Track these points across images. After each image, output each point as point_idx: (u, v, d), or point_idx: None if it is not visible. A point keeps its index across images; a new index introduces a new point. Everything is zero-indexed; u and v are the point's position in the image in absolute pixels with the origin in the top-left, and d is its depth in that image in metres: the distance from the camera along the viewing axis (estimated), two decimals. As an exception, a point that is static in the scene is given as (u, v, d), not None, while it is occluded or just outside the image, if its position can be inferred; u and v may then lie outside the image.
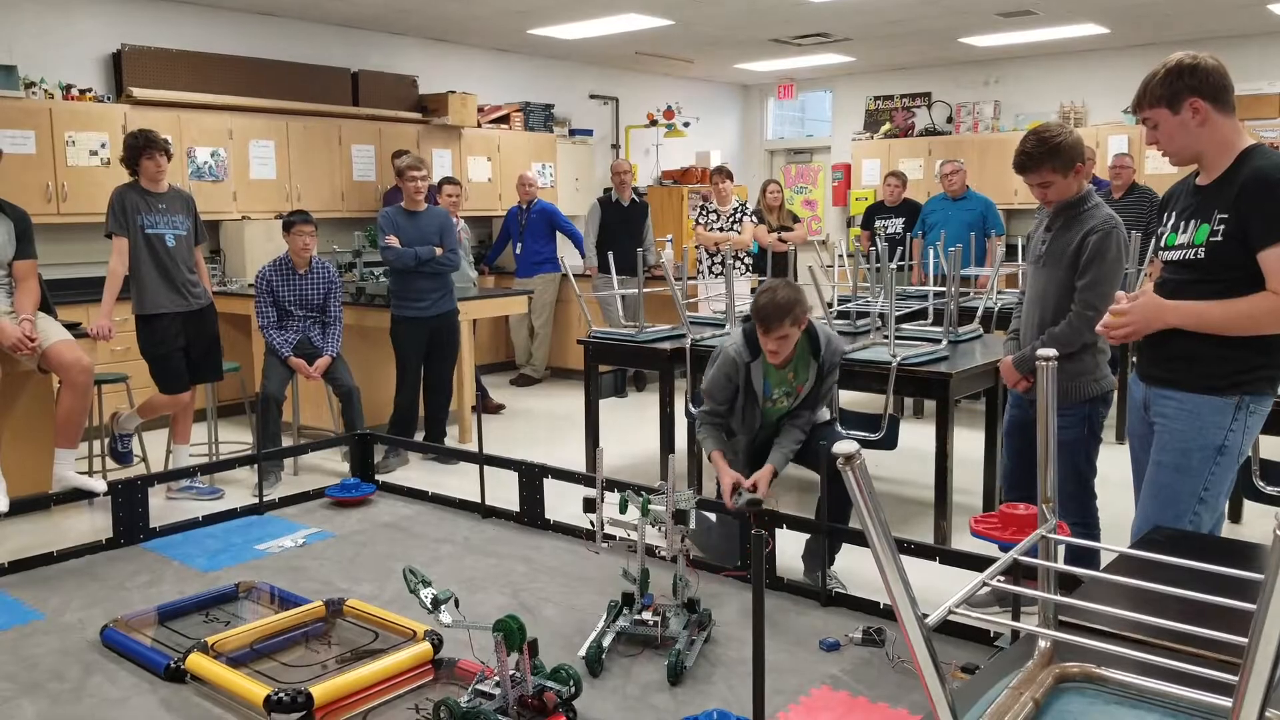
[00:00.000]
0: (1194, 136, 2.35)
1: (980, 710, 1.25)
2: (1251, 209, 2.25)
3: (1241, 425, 2.38)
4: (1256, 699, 0.84)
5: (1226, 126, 2.35)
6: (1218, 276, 2.32)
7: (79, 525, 4.53)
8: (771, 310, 3.40)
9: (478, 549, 4.09)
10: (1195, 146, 2.37)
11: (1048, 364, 1.36)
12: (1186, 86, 2.32)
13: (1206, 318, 2.33)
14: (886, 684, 2.86)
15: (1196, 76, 2.31)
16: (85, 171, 6.33)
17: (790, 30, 8.50)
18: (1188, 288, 2.38)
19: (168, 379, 4.85)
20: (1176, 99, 2.33)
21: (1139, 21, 8.18)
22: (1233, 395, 2.36)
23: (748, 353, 3.59)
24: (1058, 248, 3.19)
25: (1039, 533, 1.36)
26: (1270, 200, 2.24)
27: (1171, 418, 2.45)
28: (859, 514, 0.97)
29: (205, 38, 7.20)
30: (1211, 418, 2.38)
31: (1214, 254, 2.32)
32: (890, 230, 7.55)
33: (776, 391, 3.66)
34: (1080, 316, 3.13)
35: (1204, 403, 2.39)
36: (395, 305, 5.61)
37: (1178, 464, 2.43)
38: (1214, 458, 2.39)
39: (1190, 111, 2.33)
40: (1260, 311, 2.26)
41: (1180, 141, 2.38)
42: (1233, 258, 2.29)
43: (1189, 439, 2.41)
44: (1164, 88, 2.34)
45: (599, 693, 2.82)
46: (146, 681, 2.92)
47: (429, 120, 8.30)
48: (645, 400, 7.29)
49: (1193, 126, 2.34)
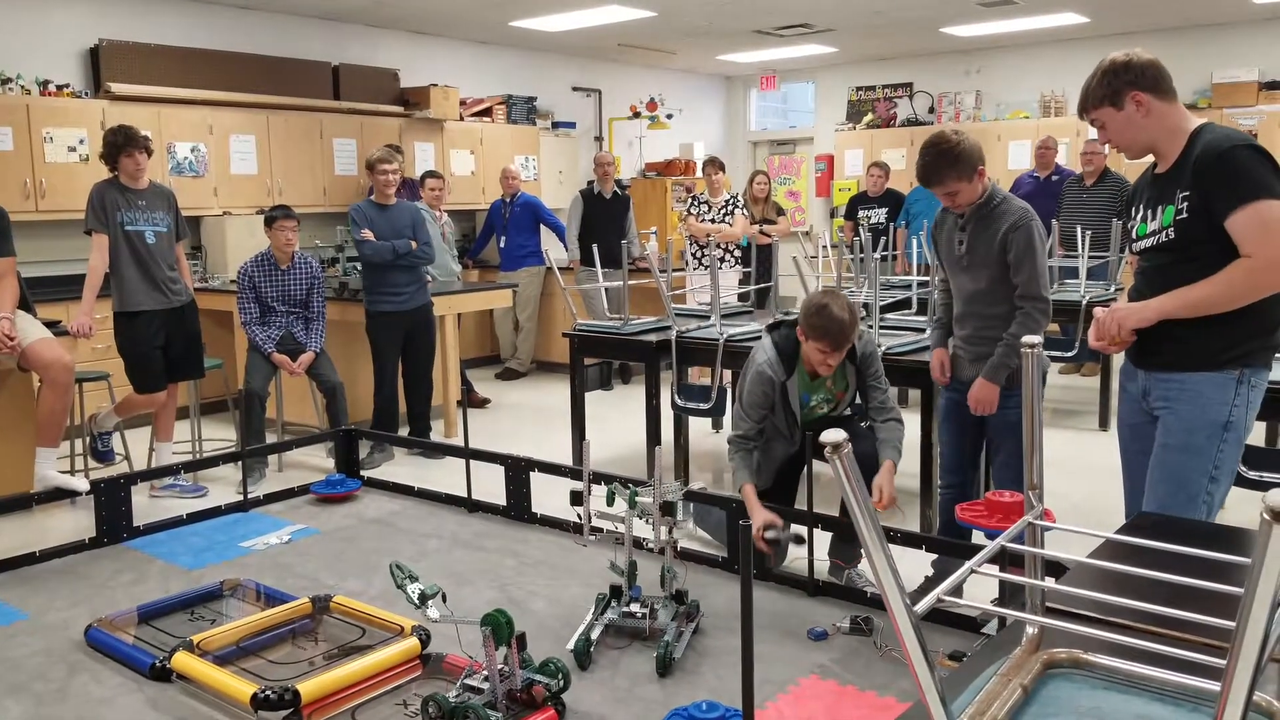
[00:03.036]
0: (1141, 128, 2.41)
1: (969, 697, 1.25)
2: (1210, 181, 2.29)
3: (1245, 400, 2.39)
4: (1244, 682, 0.84)
5: (1172, 113, 2.40)
6: (1193, 254, 2.34)
7: (61, 525, 4.50)
8: (839, 330, 3.23)
9: (465, 543, 4.08)
10: (1145, 138, 2.43)
11: (1033, 351, 1.36)
12: (1125, 82, 2.39)
13: (1190, 300, 2.35)
14: (875, 673, 2.87)
15: (1132, 71, 2.39)
16: (64, 168, 6.27)
17: (772, 21, 8.49)
18: (1167, 270, 2.40)
19: (144, 378, 4.81)
20: (1118, 95, 2.40)
21: (1119, 10, 8.22)
22: (1233, 370, 2.38)
23: (782, 370, 3.46)
24: (980, 248, 3.25)
25: (1026, 519, 1.36)
26: (1224, 168, 2.27)
27: (1175, 400, 2.45)
28: (847, 502, 0.96)
29: (184, 32, 7.13)
30: (1214, 395, 2.39)
31: (1183, 231, 2.35)
32: (873, 220, 7.57)
33: (815, 399, 3.58)
34: (1032, 312, 3.21)
35: (1205, 380, 2.40)
36: (370, 300, 5.55)
37: (1185, 444, 2.43)
38: (1221, 435, 2.40)
39: (1133, 105, 2.39)
40: (1238, 279, 2.28)
41: (1129, 135, 2.44)
42: (1202, 232, 2.32)
43: (1194, 418, 2.42)
44: (1104, 87, 2.42)
45: (588, 685, 2.82)
46: (132, 681, 2.90)
47: (411, 114, 8.26)
48: (631, 393, 7.29)
49: (1138, 119, 2.40)
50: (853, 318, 3.28)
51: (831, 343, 3.27)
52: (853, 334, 3.29)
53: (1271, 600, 0.81)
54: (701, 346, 4.63)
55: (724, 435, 5.84)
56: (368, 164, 5.64)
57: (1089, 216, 6.60)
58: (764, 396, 3.48)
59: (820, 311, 3.26)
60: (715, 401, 4.60)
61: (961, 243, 3.28)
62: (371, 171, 5.57)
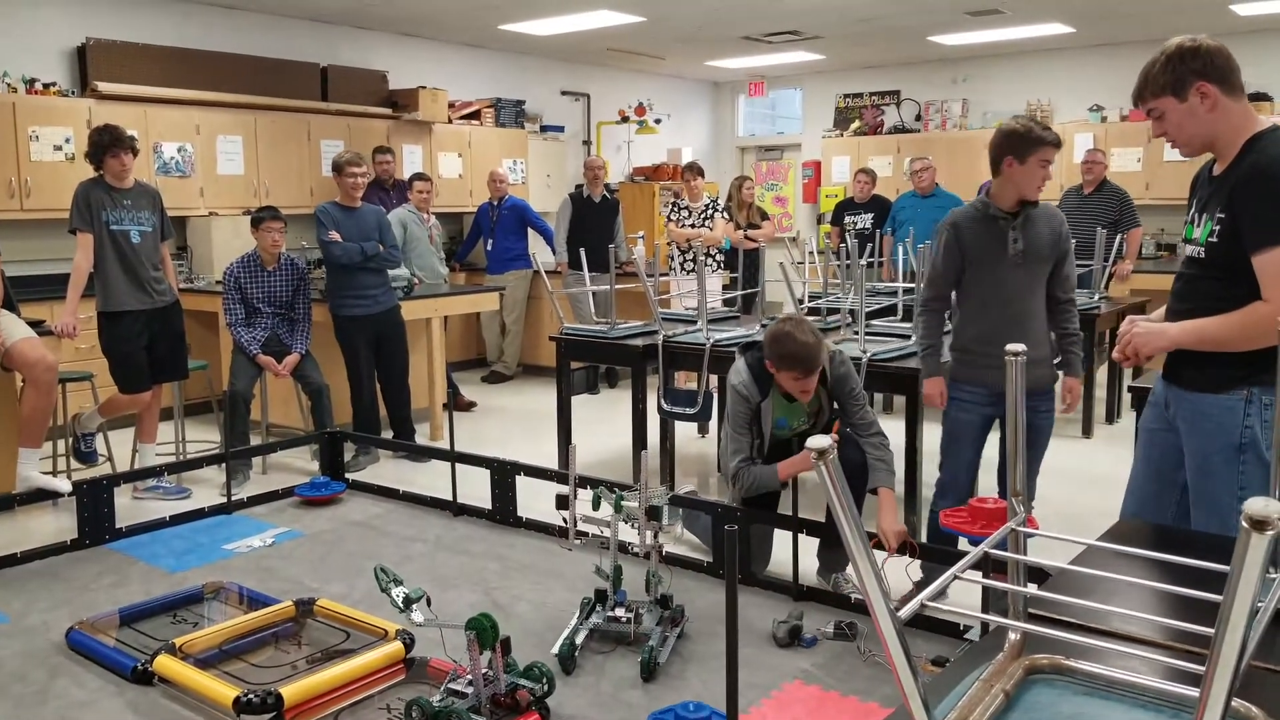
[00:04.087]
0: (1204, 123, 2.21)
1: (952, 703, 1.26)
2: (1243, 208, 2.14)
3: (1257, 418, 2.24)
4: (1223, 688, 0.85)
5: (1237, 110, 2.21)
6: (1222, 276, 2.23)
7: (43, 526, 4.46)
8: (807, 355, 3.22)
9: (449, 547, 4.07)
10: (1207, 133, 2.23)
11: (1016, 359, 1.37)
12: (1191, 70, 2.18)
13: (1205, 335, 2.25)
14: (858, 678, 2.88)
15: (1200, 59, 2.18)
16: (49, 167, 6.23)
17: (761, 27, 8.52)
18: (1197, 284, 2.31)
19: (128, 378, 4.78)
20: (1182, 85, 2.19)
21: (1104, 21, 8.28)
22: (1240, 391, 2.25)
23: (757, 391, 3.46)
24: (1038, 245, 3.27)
25: (1009, 526, 1.37)
26: (1260, 199, 2.12)
27: (1189, 421, 2.37)
28: (832, 508, 0.97)
29: (172, 32, 7.10)
30: (1223, 419, 2.28)
31: (1212, 254, 2.24)
32: (860, 227, 7.59)
33: (795, 422, 3.59)
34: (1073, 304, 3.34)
35: (1213, 403, 2.29)
36: (337, 304, 5.47)
37: (1205, 468, 2.34)
38: (1238, 457, 2.28)
39: (1198, 96, 2.19)
40: (1251, 323, 2.15)
41: (1190, 130, 2.23)
42: (1232, 258, 2.17)
43: (1208, 443, 2.32)
44: (1168, 74, 2.21)
45: (572, 690, 2.82)
46: (113, 684, 2.88)
47: (399, 116, 8.24)
48: (618, 397, 7.29)
49: (1202, 113, 2.20)
50: (817, 339, 3.26)
51: (802, 369, 3.26)
52: (820, 354, 3.27)
53: (1250, 607, 0.82)
54: (688, 351, 4.64)
55: (710, 440, 5.86)
56: (335, 166, 5.51)
57: (1085, 226, 6.62)
58: (746, 410, 3.47)
59: (783, 340, 3.25)
60: (701, 406, 4.61)
61: (1016, 240, 3.25)
62: (339, 174, 5.46)
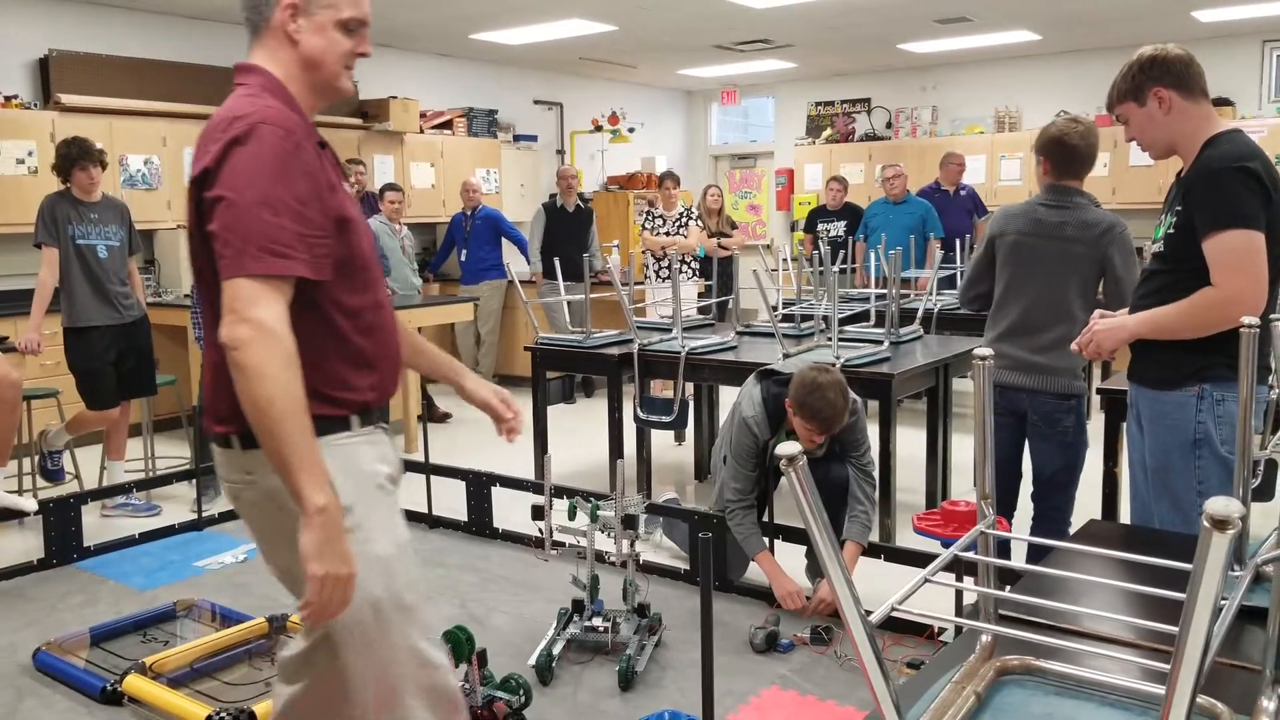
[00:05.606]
0: (1162, 127, 2.34)
1: (924, 705, 1.26)
2: (1195, 201, 2.25)
3: (1210, 414, 2.30)
4: (1188, 686, 0.86)
5: (1195, 113, 2.33)
6: (1180, 270, 2.31)
7: (9, 546, 4.39)
8: (831, 415, 3.15)
9: (425, 559, 4.04)
10: (1166, 137, 2.36)
11: (984, 363, 1.37)
12: (1150, 77, 2.33)
13: (1159, 323, 2.32)
14: (834, 682, 2.89)
15: (1158, 66, 2.33)
16: (11, 180, 6.14)
17: (732, 36, 8.56)
18: (1158, 279, 2.38)
19: (96, 394, 4.72)
20: (1141, 91, 2.35)
21: (1071, 28, 8.39)
22: (1191, 387, 2.31)
23: (768, 430, 3.39)
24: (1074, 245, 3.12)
25: (978, 528, 1.38)
26: (1206, 190, 2.23)
27: (1147, 418, 2.42)
28: (801, 513, 0.97)
29: (136, 43, 7.03)
30: (1177, 415, 2.34)
31: (1170, 247, 2.33)
32: (832, 234, 7.64)
33: None
34: None
35: (1167, 399, 2.35)
36: None
37: (1164, 464, 2.38)
38: (1193, 453, 2.33)
39: (1156, 101, 2.33)
40: (1201, 308, 2.23)
41: (1151, 133, 2.37)
42: (1188, 250, 2.26)
43: (1165, 439, 2.37)
44: (1128, 82, 2.37)
45: (550, 701, 2.81)
46: (82, 705, 2.84)
47: (370, 126, 8.21)
48: (593, 406, 7.28)
49: (1160, 117, 2.33)
50: (845, 402, 3.18)
51: (820, 426, 3.19)
52: (843, 419, 3.20)
53: (1213, 605, 0.83)
54: (664, 359, 4.64)
55: (687, 448, 5.86)
56: None
57: None
58: (753, 445, 3.40)
59: (814, 392, 3.14)
60: (678, 414, 4.60)
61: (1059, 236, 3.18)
62: None
